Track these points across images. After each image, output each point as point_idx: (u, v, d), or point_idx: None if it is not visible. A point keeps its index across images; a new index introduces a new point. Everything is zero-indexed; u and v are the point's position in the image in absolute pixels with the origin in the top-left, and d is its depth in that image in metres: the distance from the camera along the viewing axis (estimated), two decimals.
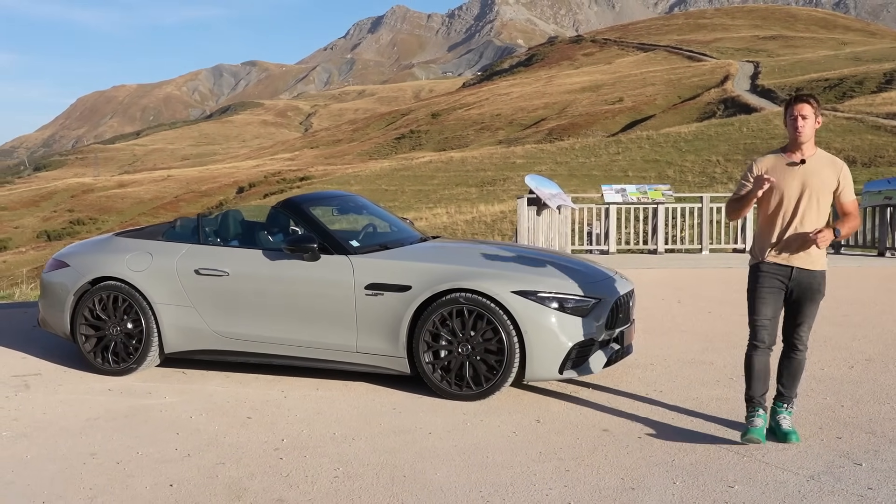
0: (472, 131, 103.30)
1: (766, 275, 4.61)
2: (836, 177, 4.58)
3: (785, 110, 4.65)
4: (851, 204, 4.66)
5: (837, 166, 4.62)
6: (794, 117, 4.56)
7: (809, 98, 4.61)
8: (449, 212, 41.49)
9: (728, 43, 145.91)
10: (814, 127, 4.56)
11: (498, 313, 5.38)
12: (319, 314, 5.78)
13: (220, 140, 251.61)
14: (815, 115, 4.56)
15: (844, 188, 4.61)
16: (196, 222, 6.41)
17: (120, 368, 6.18)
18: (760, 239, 4.71)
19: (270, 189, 72.53)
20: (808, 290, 4.57)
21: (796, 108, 4.57)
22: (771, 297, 4.59)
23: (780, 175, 4.57)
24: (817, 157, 4.61)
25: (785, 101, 4.73)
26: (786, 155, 4.64)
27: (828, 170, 4.58)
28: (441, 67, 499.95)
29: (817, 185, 4.54)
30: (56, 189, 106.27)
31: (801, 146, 4.58)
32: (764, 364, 4.65)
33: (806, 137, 4.55)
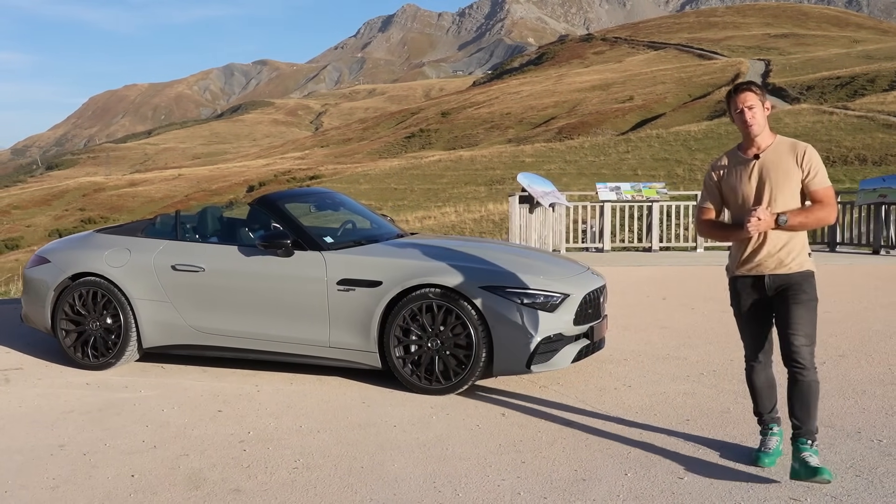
0: (482, 130, 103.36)
1: (742, 289, 4.21)
2: (797, 163, 4.05)
3: (728, 105, 4.17)
4: (823, 192, 4.05)
5: (799, 150, 4.07)
6: (740, 110, 4.08)
7: (751, 85, 4.16)
8: (458, 210, 41.56)
9: (739, 41, 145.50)
10: (764, 115, 4.10)
11: (466, 308, 5.45)
12: (292, 309, 5.87)
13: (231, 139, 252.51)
14: (762, 101, 4.10)
15: (810, 173, 4.04)
16: (174, 219, 6.50)
17: (99, 363, 6.28)
18: (732, 249, 4.31)
19: (280, 188, 72.69)
20: (787, 290, 4.06)
21: (739, 100, 4.09)
22: (753, 313, 4.20)
23: (735, 176, 4.16)
24: (775, 147, 4.11)
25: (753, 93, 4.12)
26: (741, 152, 4.20)
27: (787, 158, 4.06)
28: (451, 66, 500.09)
29: (777, 178, 4.05)
30: (68, 188, 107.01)
31: (755, 139, 4.10)
32: (764, 380, 4.27)
33: (759, 129, 4.08)
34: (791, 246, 4.12)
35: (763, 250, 4.12)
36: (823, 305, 8.62)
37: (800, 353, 3.96)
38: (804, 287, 4.08)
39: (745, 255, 4.17)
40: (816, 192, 4.07)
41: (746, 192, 4.12)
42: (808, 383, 3.96)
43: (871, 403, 5.27)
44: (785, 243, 4.10)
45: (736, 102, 4.11)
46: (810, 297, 4.08)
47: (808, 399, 3.97)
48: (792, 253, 4.12)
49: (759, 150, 4.12)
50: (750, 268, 4.16)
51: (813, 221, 4.07)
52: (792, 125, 50.40)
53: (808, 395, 3.97)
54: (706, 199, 4.34)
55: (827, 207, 4.07)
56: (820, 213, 4.06)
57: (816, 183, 4.06)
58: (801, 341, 3.97)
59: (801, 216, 4.04)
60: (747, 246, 4.15)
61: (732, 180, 4.17)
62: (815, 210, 4.07)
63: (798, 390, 3.98)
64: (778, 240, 4.08)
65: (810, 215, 4.06)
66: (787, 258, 4.09)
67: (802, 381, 3.97)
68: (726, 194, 4.22)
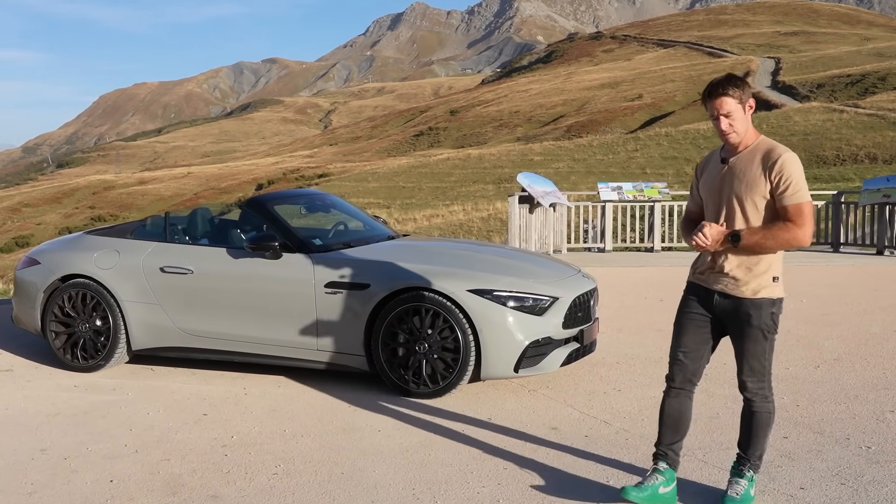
0: (491, 128, 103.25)
1: (688, 296, 3.80)
2: (764, 173, 3.49)
3: (703, 103, 3.64)
4: (794, 209, 3.46)
5: (771, 159, 3.49)
6: (715, 117, 3.56)
7: (728, 87, 3.51)
8: (465, 209, 41.52)
9: (749, 39, 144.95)
10: (746, 119, 3.56)
11: (454, 311, 5.40)
12: (280, 312, 5.83)
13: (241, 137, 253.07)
14: (742, 103, 3.54)
15: (779, 185, 3.46)
16: (164, 220, 6.48)
17: (89, 365, 6.26)
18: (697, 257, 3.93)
19: (289, 186, 72.88)
20: (735, 322, 3.61)
21: (714, 106, 3.54)
22: (690, 325, 3.74)
23: (707, 180, 3.74)
24: (748, 153, 3.59)
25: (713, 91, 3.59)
26: (721, 153, 3.75)
27: (755, 166, 3.52)
28: (460, 64, 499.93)
29: (739, 188, 3.55)
30: (78, 186, 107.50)
31: (736, 147, 3.64)
32: (676, 408, 3.76)
33: (738, 138, 3.58)
34: (750, 265, 3.59)
35: (714, 262, 3.69)
36: (823, 308, 8.68)
37: (747, 386, 3.68)
38: (755, 321, 3.57)
39: (698, 261, 3.82)
40: (785, 209, 3.49)
41: (713, 199, 3.69)
42: (755, 413, 3.69)
43: (862, 409, 5.20)
44: (742, 261, 3.60)
45: (712, 109, 3.57)
46: (764, 330, 3.58)
47: (754, 427, 3.70)
48: (750, 274, 3.59)
49: (734, 154, 3.64)
50: (700, 276, 3.78)
51: (773, 243, 3.49)
52: (802, 123, 50.18)
53: (754, 423, 3.70)
54: (690, 201, 3.99)
55: (795, 228, 3.46)
56: (784, 235, 3.46)
57: (787, 198, 3.47)
58: (747, 375, 3.67)
59: (758, 236, 3.49)
60: (702, 256, 3.78)
61: (704, 184, 3.77)
62: (779, 230, 3.47)
63: (745, 417, 3.75)
64: (734, 255, 3.60)
65: (771, 237, 3.48)
66: (742, 277, 3.59)
67: (748, 411, 3.72)
68: (703, 196, 3.80)
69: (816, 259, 12.71)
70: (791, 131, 48.54)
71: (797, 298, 9.17)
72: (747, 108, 3.58)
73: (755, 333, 3.59)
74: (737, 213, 3.59)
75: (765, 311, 3.58)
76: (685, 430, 3.82)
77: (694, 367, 3.75)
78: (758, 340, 3.61)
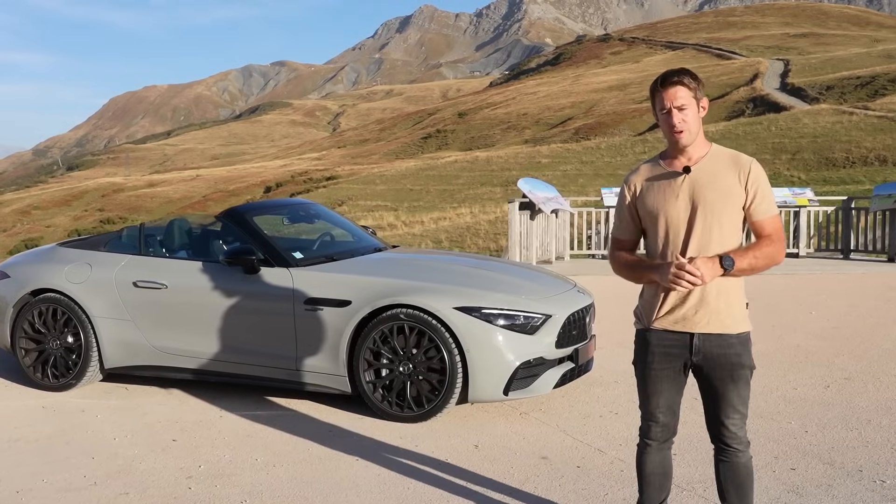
0: (499, 131, 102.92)
1: (656, 348, 3.14)
2: (740, 182, 3.04)
3: (652, 101, 3.11)
4: (770, 222, 3.05)
5: (743, 166, 3.06)
6: (667, 110, 3.03)
7: (683, 77, 3.03)
8: (473, 212, 41.21)
9: (758, 41, 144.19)
10: (698, 117, 3.06)
11: (439, 330, 5.09)
12: (258, 330, 5.53)
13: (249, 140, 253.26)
14: (697, 99, 3.04)
15: (756, 197, 3.04)
16: (139, 232, 6.18)
17: (59, 384, 5.97)
18: (647, 291, 3.21)
19: (297, 188, 72.66)
20: (723, 365, 3.07)
21: (667, 96, 3.02)
22: (665, 382, 3.18)
23: (658, 194, 3.11)
24: (710, 159, 3.08)
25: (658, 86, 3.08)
26: (664, 163, 3.15)
27: (727, 174, 3.04)
28: (469, 67, 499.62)
29: (714, 201, 3.02)
30: (87, 188, 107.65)
31: (685, 149, 3.09)
32: (658, 464, 3.30)
33: (690, 138, 3.04)
34: (730, 293, 3.08)
35: (693, 297, 3.07)
36: (833, 320, 8.31)
37: (733, 434, 3.14)
38: (743, 359, 3.08)
39: (665, 303, 3.11)
40: (763, 223, 3.06)
41: (672, 218, 3.06)
42: (743, 464, 3.17)
43: (875, 436, 4.86)
44: (721, 290, 3.06)
45: (662, 99, 3.03)
46: (752, 368, 3.13)
47: (744, 481, 3.18)
48: (731, 303, 3.07)
49: (690, 162, 3.09)
50: (674, 321, 3.10)
51: (763, 264, 3.03)
52: (811, 126, 49.65)
53: (744, 476, 3.17)
54: (618, 227, 3.30)
55: (776, 243, 3.05)
56: (769, 250, 3.03)
57: (764, 211, 3.05)
58: (736, 423, 3.13)
59: (750, 257, 3.00)
60: (669, 291, 3.09)
61: (652, 200, 3.11)
62: (765, 247, 3.03)
63: (731, 472, 3.17)
64: (713, 284, 3.03)
65: (761, 256, 3.02)
66: (724, 310, 3.06)
67: (733, 463, 3.17)
68: (644, 218, 3.17)
69: (827, 267, 12.35)
70: (800, 133, 48.04)
71: (805, 311, 8.83)
72: (700, 109, 3.07)
73: (745, 374, 3.10)
74: (713, 232, 3.03)
75: (747, 345, 3.13)
76: (670, 483, 3.38)
77: (674, 422, 3.27)
78: (747, 382, 3.13)
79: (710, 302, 3.06)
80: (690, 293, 3.06)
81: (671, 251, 3.08)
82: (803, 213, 13.88)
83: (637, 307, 3.28)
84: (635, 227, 3.24)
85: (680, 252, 3.06)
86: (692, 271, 2.93)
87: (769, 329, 7.82)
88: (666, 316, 3.11)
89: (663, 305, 3.12)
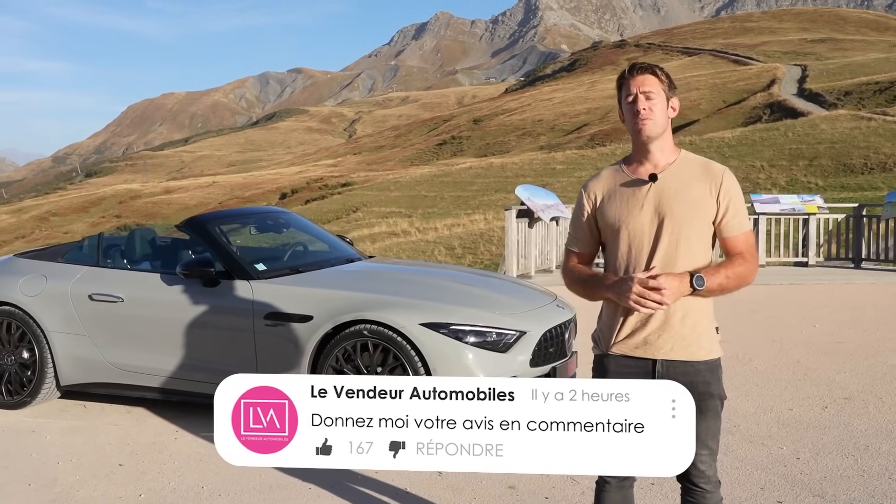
0: (514, 137, 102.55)
1: (615, 376, 2.76)
2: (711, 194, 2.74)
3: (618, 93, 2.82)
4: (743, 238, 2.76)
5: (714, 176, 2.75)
6: (633, 97, 2.73)
7: (656, 68, 2.77)
8: (487, 218, 40.84)
9: (775, 46, 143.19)
10: (667, 114, 2.76)
11: (405, 348, 4.76)
12: (217, 346, 5.23)
13: (266, 147, 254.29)
14: (666, 95, 2.76)
15: (728, 210, 2.74)
16: (97, 242, 5.89)
17: (14, 402, 5.69)
18: (606, 312, 2.87)
19: (312, 195, 72.65)
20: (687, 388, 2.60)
21: (634, 83, 2.73)
22: None
23: (620, 205, 2.79)
24: (679, 167, 2.77)
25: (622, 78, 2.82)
26: (628, 170, 2.83)
27: (697, 184, 2.74)
28: (484, 73, 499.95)
29: (683, 212, 2.71)
30: (105, 195, 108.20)
31: (649, 148, 2.76)
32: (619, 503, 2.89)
33: (654, 128, 2.72)
34: (696, 315, 2.75)
35: (655, 320, 2.74)
36: (837, 334, 7.90)
37: (702, 473, 2.77)
38: (712, 388, 2.76)
39: (625, 326, 2.78)
40: (735, 240, 2.76)
41: (636, 231, 2.75)
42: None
43: (872, 463, 4.49)
44: (687, 311, 2.73)
45: (629, 86, 2.74)
46: (718, 399, 2.79)
47: None
48: (698, 327, 2.75)
49: (656, 169, 2.78)
50: (634, 346, 2.77)
51: (735, 284, 2.72)
52: (829, 132, 48.95)
53: None
54: (573, 238, 2.96)
55: (749, 262, 2.74)
56: (741, 269, 2.72)
57: (737, 226, 2.75)
58: (703, 459, 2.76)
59: (722, 276, 2.69)
60: (629, 313, 2.76)
61: (615, 211, 2.79)
62: (737, 264, 2.72)
63: None
64: (678, 305, 2.70)
65: (734, 275, 2.71)
66: (690, 335, 2.73)
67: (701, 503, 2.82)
68: (604, 230, 2.85)
69: (836, 276, 11.93)
70: (818, 139, 47.36)
71: (809, 324, 8.44)
72: (670, 108, 2.78)
73: (714, 405, 2.77)
74: (680, 247, 2.71)
75: (716, 372, 2.80)
76: None
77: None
78: (717, 414, 2.80)
79: (674, 325, 2.74)
80: (653, 315, 2.73)
81: (633, 268, 2.76)
82: (812, 221, 13.46)
83: (595, 330, 2.94)
84: (593, 240, 2.92)
85: (645, 266, 2.74)
86: (658, 286, 2.60)
87: (769, 344, 7.45)
88: (626, 340, 2.78)
89: (622, 328, 2.79)
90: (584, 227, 2.92)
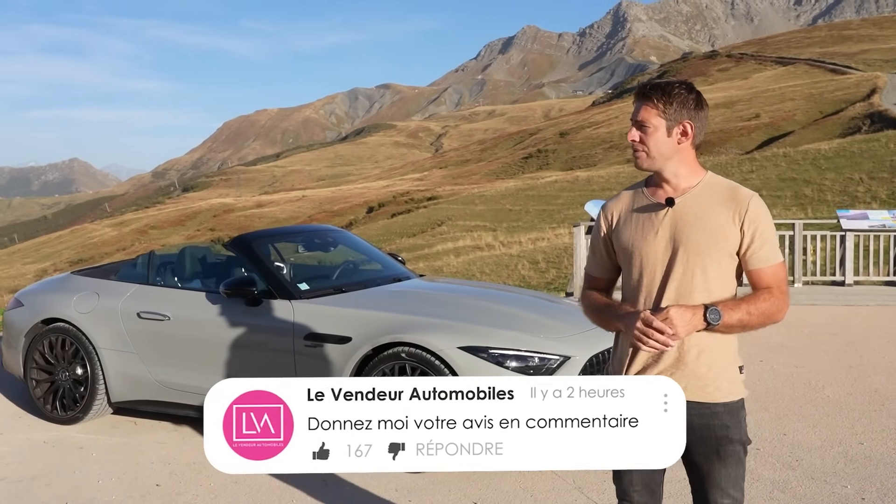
0: (601, 150, 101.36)
1: None
2: (735, 222, 2.50)
3: None
4: (771, 272, 2.50)
5: (741, 202, 2.50)
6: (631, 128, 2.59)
7: (654, 93, 2.52)
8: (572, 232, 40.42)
9: (876, 54, 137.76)
10: (671, 142, 2.52)
11: (443, 372, 4.62)
12: (258, 366, 5.19)
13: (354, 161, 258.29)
14: (667, 119, 2.51)
15: (754, 240, 2.49)
16: (149, 260, 5.95)
17: (67, 417, 5.78)
18: (619, 345, 2.68)
19: (398, 209, 73.32)
20: (706, 439, 2.53)
21: (634, 110, 2.57)
22: None
23: (635, 229, 2.59)
24: (701, 192, 2.55)
25: None
26: (647, 192, 2.64)
27: (720, 211, 2.51)
28: (571, 86, 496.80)
29: (699, 241, 2.49)
30: (200, 209, 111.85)
31: (664, 177, 2.57)
32: None
33: (647, 163, 2.55)
34: (714, 353, 2.52)
35: (668, 356, 2.52)
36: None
37: None
38: (738, 428, 2.54)
39: (635, 361, 2.57)
40: (761, 273, 2.51)
41: (648, 258, 2.55)
42: None
43: None
44: (703, 348, 2.51)
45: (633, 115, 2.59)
46: (739, 444, 2.55)
47: None
48: (715, 366, 2.52)
49: (675, 193, 2.58)
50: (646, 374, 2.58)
51: (757, 322, 2.46)
52: None
53: None
54: (591, 262, 2.80)
55: (777, 297, 2.48)
56: (765, 305, 2.46)
57: (763, 258, 2.50)
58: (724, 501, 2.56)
59: (743, 311, 2.44)
60: (639, 349, 2.54)
61: (628, 235, 2.61)
62: (761, 300, 2.47)
63: None
64: (694, 341, 2.50)
65: (756, 312, 2.45)
66: (706, 374, 2.51)
67: None
68: (618, 254, 2.67)
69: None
70: None
71: (895, 349, 7.92)
72: (676, 132, 2.53)
73: (735, 451, 2.54)
74: (696, 278, 2.50)
75: (737, 415, 2.56)
76: None
77: (653, 502, 2.68)
78: (739, 460, 2.56)
79: (688, 363, 2.53)
80: (661, 354, 2.53)
81: (644, 297, 2.58)
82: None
83: (608, 363, 2.76)
84: (611, 264, 2.75)
85: (655, 300, 2.55)
86: (661, 328, 2.40)
87: (845, 370, 7.01)
88: (638, 372, 2.59)
89: (632, 364, 2.59)
90: (602, 249, 2.76)
